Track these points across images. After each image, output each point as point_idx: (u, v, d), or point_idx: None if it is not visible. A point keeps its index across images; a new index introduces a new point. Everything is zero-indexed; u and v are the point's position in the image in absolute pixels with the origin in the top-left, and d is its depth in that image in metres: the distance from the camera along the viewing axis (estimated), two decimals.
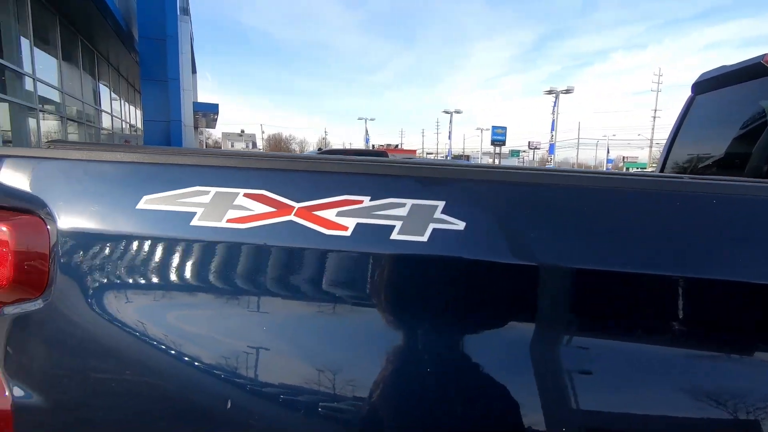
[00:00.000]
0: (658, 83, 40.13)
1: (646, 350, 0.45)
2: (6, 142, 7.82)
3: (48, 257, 0.48)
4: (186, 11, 15.22)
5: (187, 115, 14.26)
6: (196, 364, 0.43)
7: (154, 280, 0.45)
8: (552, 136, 31.24)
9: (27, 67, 8.26)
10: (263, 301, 0.43)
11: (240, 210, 0.45)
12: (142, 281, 0.45)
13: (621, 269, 0.42)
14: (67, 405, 0.48)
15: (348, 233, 0.44)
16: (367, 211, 0.44)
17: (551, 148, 32.31)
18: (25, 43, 8.21)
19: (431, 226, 0.44)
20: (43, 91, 9.12)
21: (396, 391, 0.42)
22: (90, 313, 0.46)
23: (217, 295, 0.45)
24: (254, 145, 79.81)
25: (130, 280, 0.46)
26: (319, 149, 13.56)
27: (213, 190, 0.45)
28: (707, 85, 1.80)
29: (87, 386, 0.46)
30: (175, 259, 0.44)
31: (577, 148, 53.64)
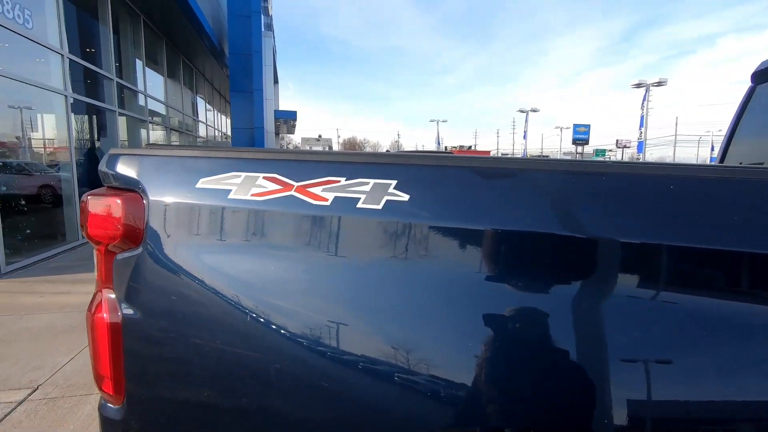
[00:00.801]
0: None
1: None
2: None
3: (143, 220, 0.72)
4: (269, 27, 16.55)
5: (269, 122, 15.47)
6: (228, 289, 0.64)
7: (206, 234, 0.67)
8: (641, 133, 28.61)
9: (140, 86, 9.62)
10: (272, 250, 0.63)
11: (259, 187, 0.65)
12: (199, 235, 0.68)
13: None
14: (158, 317, 0.72)
15: (328, 203, 0.62)
16: (342, 188, 0.62)
17: (640, 146, 29.61)
18: (138, 65, 9.57)
19: (385, 198, 0.60)
20: (152, 105, 10.51)
21: (359, 323, 0.58)
22: (169, 257, 0.70)
23: (242, 245, 0.66)
24: (330, 148, 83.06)
25: (193, 234, 0.69)
26: (387, 151, 13.93)
27: (243, 174, 0.67)
28: None
29: (171, 303, 0.70)
30: (218, 220, 0.66)
31: (674, 146, 48.48)
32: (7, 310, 3.63)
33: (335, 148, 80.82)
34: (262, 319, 0.60)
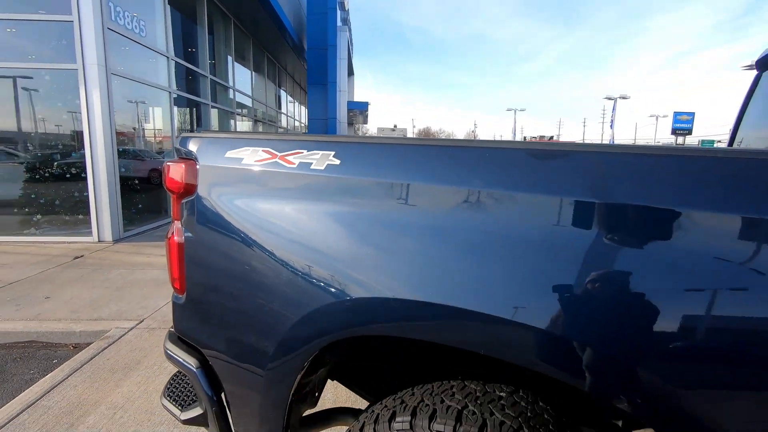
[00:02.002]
0: None
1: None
2: None
3: (196, 177, 1.15)
4: (346, 21, 17.31)
5: (342, 113, 16.31)
6: (242, 219, 1.04)
7: (230, 185, 1.08)
8: None
9: (230, 81, 10.78)
10: (267, 194, 1.02)
11: (259, 156, 1.04)
12: (226, 186, 1.09)
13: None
14: (203, 238, 1.15)
15: (295, 166, 0.99)
16: (303, 156, 0.98)
17: None
18: (229, 62, 10.72)
19: (327, 162, 0.95)
20: (239, 98, 11.70)
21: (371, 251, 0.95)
22: (210, 201, 1.12)
23: (250, 192, 1.06)
24: None
25: (223, 186, 1.10)
26: None
27: (250, 148, 1.06)
28: None
29: (209, 229, 1.12)
30: (237, 177, 1.07)
31: None
32: (123, 266, 4.58)
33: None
34: (260, 238, 1.00)
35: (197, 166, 1.16)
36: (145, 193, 7.00)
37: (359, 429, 0.96)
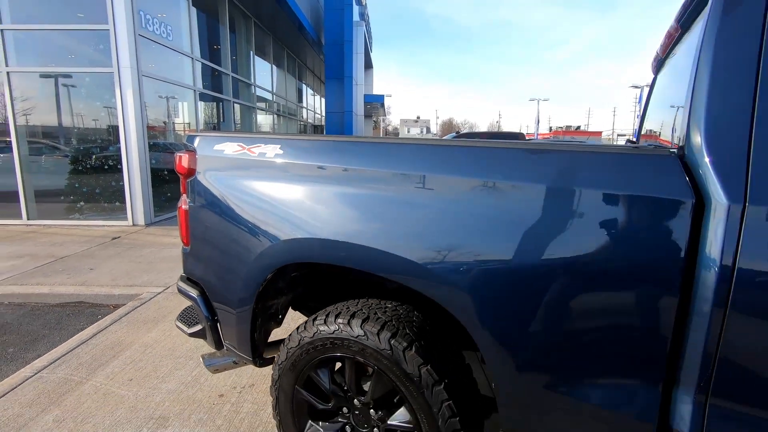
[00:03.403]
0: None
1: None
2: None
3: (195, 164, 1.67)
4: (363, 15, 17.71)
5: (359, 106, 16.78)
6: (223, 191, 1.55)
7: (217, 169, 1.59)
8: None
9: (251, 78, 11.42)
10: (237, 174, 1.52)
11: (235, 148, 1.53)
12: (215, 170, 1.60)
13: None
14: (200, 206, 1.66)
15: (255, 155, 1.48)
16: (261, 148, 1.47)
17: None
18: (250, 60, 11.35)
19: (275, 152, 1.44)
20: (260, 93, 12.35)
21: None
22: (204, 179, 1.64)
23: (228, 174, 1.56)
24: (428, 129, 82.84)
25: (213, 170, 1.61)
26: (457, 132, 14.25)
27: (229, 143, 1.56)
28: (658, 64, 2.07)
29: (203, 199, 1.63)
30: (220, 163, 1.57)
31: None
32: (153, 245, 5.25)
33: (432, 129, 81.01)
34: (233, 202, 1.50)
35: (196, 156, 1.68)
36: (173, 183, 7.72)
37: (312, 320, 1.43)
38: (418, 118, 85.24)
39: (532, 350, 1.06)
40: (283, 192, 1.43)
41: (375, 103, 24.42)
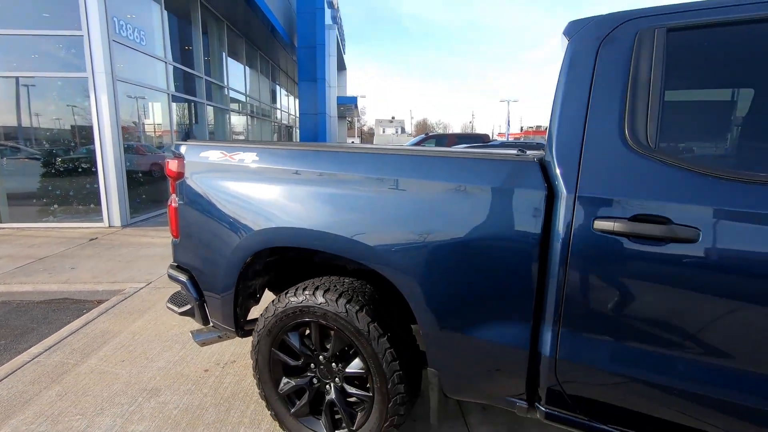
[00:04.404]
0: None
1: None
2: (210, 133, 11.15)
3: (184, 168, 1.98)
4: (335, 19, 18.00)
5: (332, 108, 17.07)
6: (205, 190, 1.87)
7: (201, 173, 1.90)
8: None
9: (224, 81, 11.54)
10: (218, 176, 1.84)
11: (219, 155, 1.85)
12: (199, 173, 1.91)
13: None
14: (186, 203, 1.98)
15: (235, 161, 1.80)
16: (241, 156, 1.79)
17: None
18: (222, 63, 11.47)
19: (252, 159, 1.76)
20: (234, 95, 12.46)
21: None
22: (191, 181, 1.95)
23: (212, 176, 1.87)
24: (403, 130, 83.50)
25: (198, 173, 1.92)
26: (426, 134, 14.76)
27: (212, 151, 1.88)
28: None
29: (189, 198, 1.95)
30: (205, 168, 1.88)
31: None
32: (131, 245, 5.43)
33: (407, 129, 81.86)
34: (217, 200, 1.82)
35: (185, 162, 1.99)
36: (148, 185, 7.83)
37: (285, 293, 1.77)
38: (393, 118, 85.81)
39: (445, 305, 1.44)
40: (258, 191, 1.77)
41: (349, 105, 24.73)
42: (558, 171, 1.29)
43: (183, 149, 2.02)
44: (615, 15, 1.33)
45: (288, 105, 20.72)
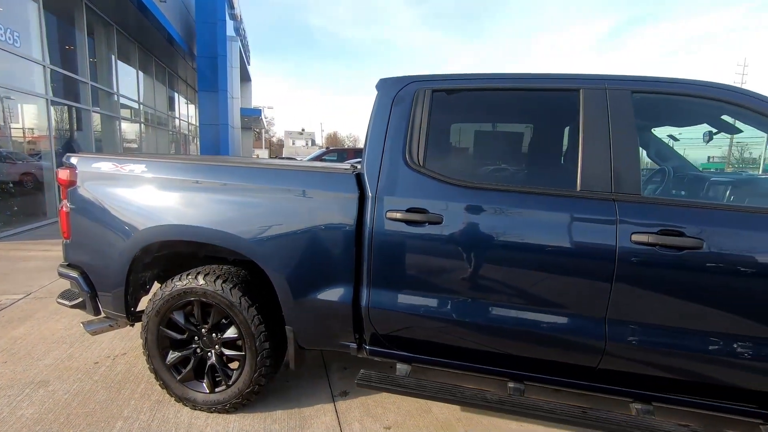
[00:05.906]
0: None
1: None
2: (97, 140, 10.44)
3: (76, 177, 2.25)
4: (238, 31, 17.88)
5: (236, 119, 16.86)
6: (94, 196, 2.18)
7: (92, 181, 2.21)
8: None
9: (114, 87, 10.94)
10: (109, 186, 2.18)
11: (110, 166, 2.19)
12: (90, 181, 2.22)
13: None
14: (77, 207, 2.27)
15: (125, 171, 2.16)
16: (131, 167, 2.16)
17: None
18: (112, 68, 10.88)
19: (141, 169, 2.15)
20: (125, 102, 11.82)
21: None
22: (82, 188, 2.24)
23: (102, 185, 2.20)
24: (313, 142, 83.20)
25: (89, 181, 2.23)
26: (327, 148, 15.43)
27: (104, 162, 2.21)
28: None
29: (80, 202, 2.24)
30: (96, 177, 2.20)
31: None
32: (5, 260, 5.11)
33: (318, 141, 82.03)
34: (108, 205, 2.14)
35: (77, 171, 2.28)
36: (18, 197, 7.22)
37: (171, 280, 2.15)
38: (303, 130, 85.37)
39: (294, 277, 1.99)
40: (145, 197, 2.15)
41: (254, 116, 24.42)
42: (366, 180, 1.92)
43: (74, 160, 2.30)
44: (403, 78, 2.02)
45: (188, 114, 19.87)
